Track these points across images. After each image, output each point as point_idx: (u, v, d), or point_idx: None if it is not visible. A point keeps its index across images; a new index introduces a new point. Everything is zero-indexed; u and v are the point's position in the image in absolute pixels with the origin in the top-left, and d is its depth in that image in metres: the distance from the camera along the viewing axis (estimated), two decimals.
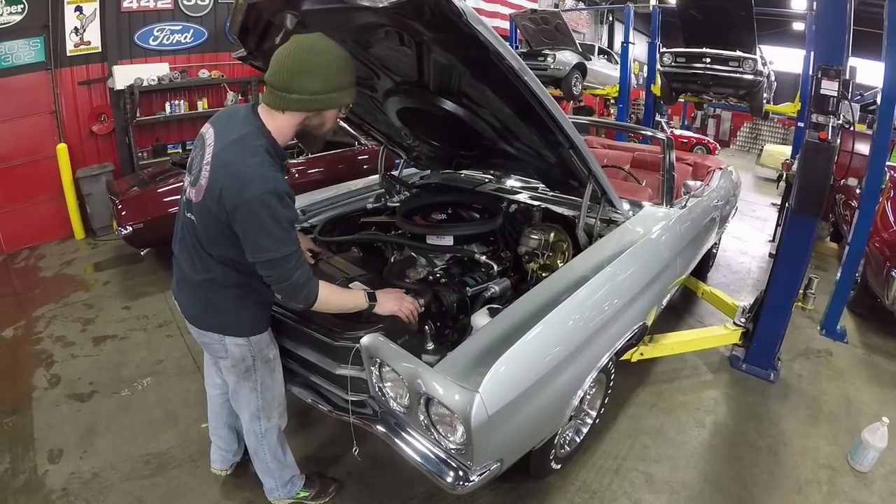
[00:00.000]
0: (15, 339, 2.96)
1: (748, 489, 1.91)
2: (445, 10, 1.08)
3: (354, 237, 2.06)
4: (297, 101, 1.17)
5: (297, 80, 1.15)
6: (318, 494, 1.76)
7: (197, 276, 1.32)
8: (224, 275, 1.30)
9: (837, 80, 2.02)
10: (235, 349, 1.39)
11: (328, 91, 1.19)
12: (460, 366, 1.23)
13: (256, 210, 1.11)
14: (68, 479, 1.92)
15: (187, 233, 1.31)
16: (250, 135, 1.18)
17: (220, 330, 1.37)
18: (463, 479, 1.23)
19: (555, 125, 1.48)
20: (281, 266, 1.19)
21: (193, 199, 1.23)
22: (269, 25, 1.60)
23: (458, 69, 1.47)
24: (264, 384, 1.48)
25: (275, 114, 1.20)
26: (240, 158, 1.14)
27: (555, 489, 1.87)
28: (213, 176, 1.16)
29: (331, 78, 1.18)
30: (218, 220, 1.18)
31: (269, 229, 1.13)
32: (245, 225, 1.14)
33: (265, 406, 1.51)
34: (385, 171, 2.55)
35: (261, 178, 1.12)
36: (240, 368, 1.42)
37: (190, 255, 1.32)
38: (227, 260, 1.28)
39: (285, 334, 1.58)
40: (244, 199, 1.11)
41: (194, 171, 1.25)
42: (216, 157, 1.17)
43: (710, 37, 4.91)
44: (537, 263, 1.90)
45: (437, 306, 1.63)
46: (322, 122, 1.26)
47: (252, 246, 1.16)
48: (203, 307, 1.36)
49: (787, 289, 2.41)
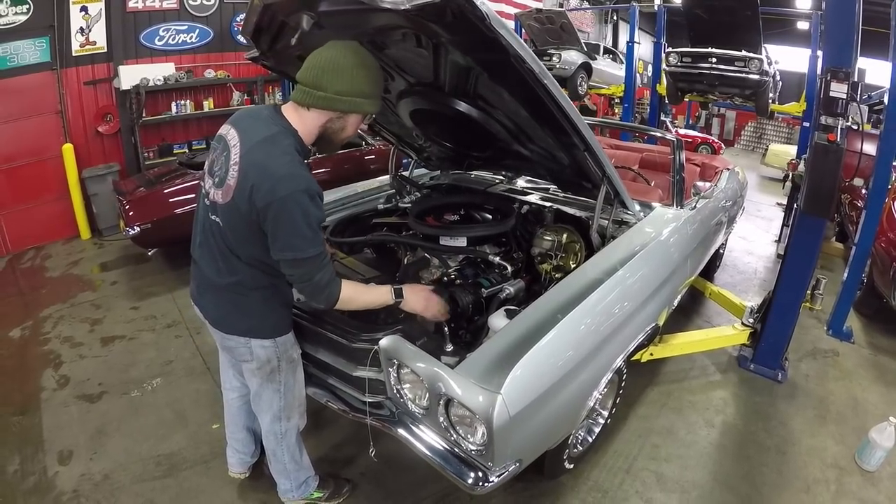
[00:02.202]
0: (22, 339, 2.95)
1: (757, 488, 1.92)
2: (468, 13, 1.07)
3: (368, 238, 2.06)
4: (323, 98, 1.19)
5: (326, 77, 1.18)
6: (332, 495, 1.77)
7: (223, 280, 1.31)
8: (252, 277, 1.30)
9: (846, 82, 2.02)
10: (261, 351, 1.39)
11: (352, 94, 1.20)
12: (481, 367, 1.23)
13: (289, 208, 1.11)
14: (79, 481, 1.91)
15: (210, 236, 1.30)
16: (279, 134, 1.18)
17: (246, 333, 1.36)
18: (483, 479, 1.24)
19: (571, 128, 1.48)
20: (306, 266, 1.19)
21: (220, 200, 1.23)
22: (282, 26, 1.59)
23: (475, 71, 1.47)
24: (287, 385, 1.48)
25: (301, 111, 1.22)
26: (271, 157, 1.14)
27: (567, 489, 1.88)
28: (243, 175, 1.16)
29: (357, 82, 1.20)
30: (247, 220, 1.18)
31: (299, 228, 1.13)
32: (276, 223, 1.14)
33: (287, 407, 1.52)
34: (395, 172, 2.55)
35: (292, 176, 1.13)
36: (265, 370, 1.42)
37: (214, 259, 1.31)
38: (254, 261, 1.28)
39: (302, 336, 1.58)
40: (276, 197, 1.11)
41: (218, 172, 1.24)
42: (245, 156, 1.17)
43: (716, 37, 4.89)
44: (550, 264, 1.90)
45: (452, 307, 1.63)
46: (343, 127, 1.27)
47: (280, 244, 1.16)
48: (229, 311, 1.36)
49: (795, 289, 2.41)
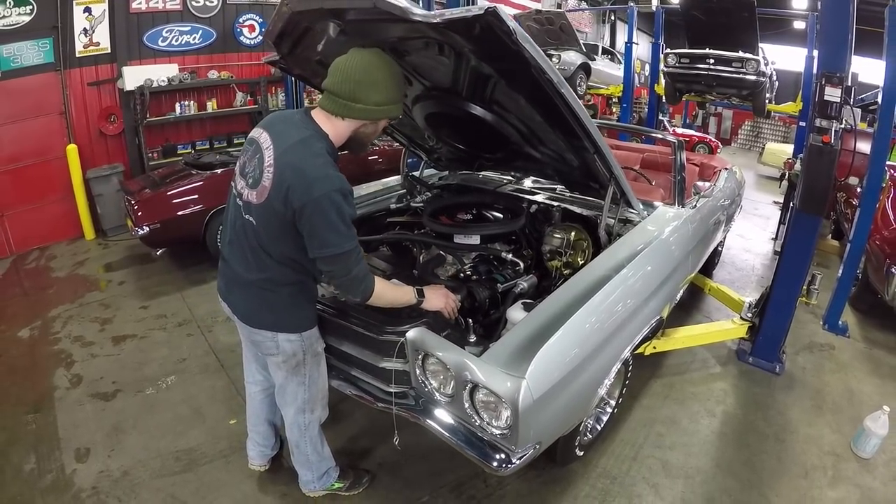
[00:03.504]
0: (32, 339, 2.95)
1: (758, 474, 2.00)
2: (496, 28, 1.13)
3: (385, 236, 2.12)
4: (363, 110, 1.26)
5: (364, 90, 1.24)
6: (352, 485, 1.82)
7: (252, 276, 1.36)
8: (281, 273, 1.35)
9: (840, 86, 2.09)
10: (288, 345, 1.44)
11: (388, 103, 1.29)
12: (505, 356, 1.31)
13: (324, 207, 1.18)
14: (98, 478, 1.92)
15: (243, 235, 1.35)
16: (311, 138, 1.25)
17: (273, 327, 1.42)
18: (506, 461, 1.31)
19: (584, 132, 1.55)
20: (343, 261, 1.25)
21: (254, 200, 1.28)
22: (305, 32, 1.64)
23: (494, 79, 1.53)
24: (312, 377, 1.54)
25: (334, 120, 1.29)
26: (305, 159, 1.21)
27: (577, 475, 1.96)
28: (278, 177, 1.21)
29: (391, 91, 1.29)
30: (282, 220, 1.24)
31: (335, 225, 1.20)
32: (312, 222, 1.20)
33: (311, 399, 1.57)
34: (406, 172, 2.61)
35: (327, 177, 1.19)
36: (290, 364, 1.48)
37: (245, 257, 1.36)
38: (284, 259, 1.33)
39: (329, 330, 1.64)
40: (312, 197, 1.17)
41: (252, 173, 1.30)
42: (279, 158, 1.23)
43: (714, 38, 4.97)
44: (560, 261, 1.98)
45: (470, 302, 1.71)
46: (375, 130, 1.36)
47: (318, 242, 1.22)
48: (258, 306, 1.41)
49: (791, 285, 2.49)
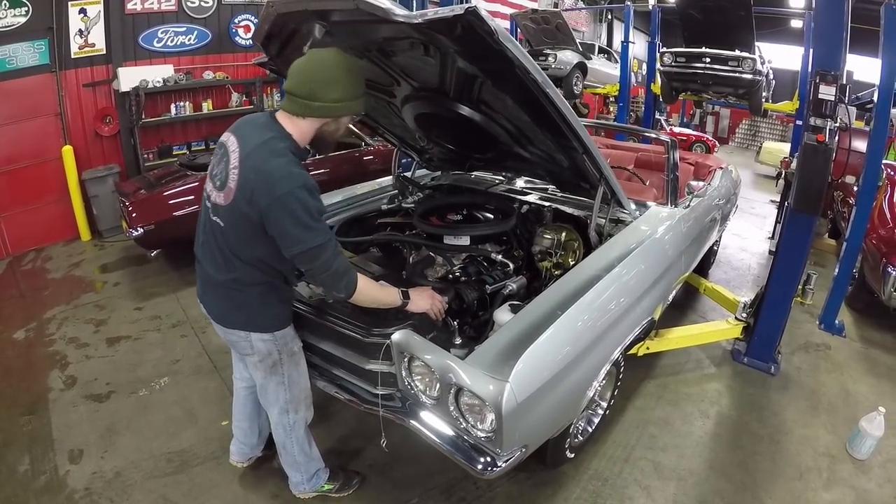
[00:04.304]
0: (27, 340, 2.96)
1: (752, 476, 1.99)
2: (478, 28, 1.13)
3: (374, 238, 2.11)
4: (322, 108, 1.27)
5: (321, 89, 1.25)
6: (342, 487, 1.82)
7: (221, 277, 1.38)
8: (249, 274, 1.36)
9: (835, 84, 2.08)
10: (261, 345, 1.45)
11: (347, 99, 1.29)
12: (489, 358, 1.30)
13: (289, 204, 1.18)
14: (91, 479, 1.93)
15: (212, 236, 1.37)
16: (274, 139, 1.26)
17: (245, 327, 1.43)
18: (491, 464, 1.31)
19: (571, 132, 1.54)
20: (320, 255, 1.25)
21: (221, 202, 1.29)
22: (293, 33, 1.64)
23: (480, 79, 1.53)
24: (291, 377, 1.54)
25: (296, 119, 1.30)
26: (267, 160, 1.22)
27: (568, 477, 1.95)
28: (243, 178, 1.23)
29: (349, 87, 1.29)
30: (249, 220, 1.24)
31: (303, 221, 1.20)
32: (280, 220, 1.20)
33: (293, 399, 1.57)
34: (398, 173, 2.60)
35: (290, 175, 1.20)
36: (266, 363, 1.49)
37: (214, 257, 1.38)
38: (253, 260, 1.34)
39: (314, 332, 1.63)
40: (276, 196, 1.18)
41: (219, 176, 1.31)
42: (244, 161, 1.24)
43: (710, 36, 4.96)
44: (550, 262, 1.97)
45: (458, 303, 1.70)
46: (337, 128, 1.37)
47: (290, 240, 1.22)
48: (228, 306, 1.42)
49: (786, 285, 2.48)
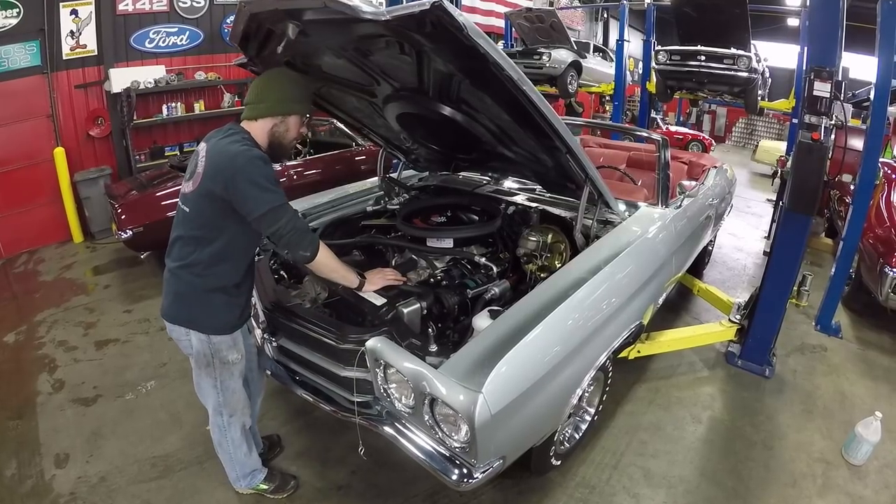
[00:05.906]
0: (17, 343, 2.96)
1: (744, 483, 1.95)
2: (447, 23, 1.12)
3: (356, 240, 2.08)
4: (267, 107, 1.45)
5: (265, 91, 1.47)
6: (278, 489, 1.83)
7: (173, 263, 1.46)
8: (204, 267, 1.43)
9: (830, 81, 2.05)
10: (197, 343, 1.51)
11: (288, 100, 1.47)
12: (463, 367, 1.27)
13: (249, 170, 1.33)
14: (75, 484, 1.93)
15: (178, 228, 1.47)
16: (235, 134, 1.44)
17: (186, 323, 1.48)
18: (467, 476, 1.27)
19: (552, 131, 1.51)
20: (283, 215, 1.37)
21: (190, 189, 1.43)
22: (269, 34, 1.62)
23: (457, 77, 1.51)
24: (224, 384, 1.58)
25: (252, 123, 1.48)
26: (230, 146, 1.39)
27: (555, 485, 1.91)
28: (209, 162, 1.39)
29: (290, 90, 1.48)
30: (213, 198, 1.37)
31: (262, 184, 1.34)
32: (242, 187, 1.33)
33: (226, 404, 1.62)
34: (384, 174, 2.57)
35: (247, 150, 1.37)
36: (200, 362, 1.54)
37: (174, 246, 1.47)
38: (213, 250, 1.42)
39: (290, 337, 1.60)
40: (238, 165, 1.33)
41: (190, 170, 1.46)
42: (209, 151, 1.42)
43: (705, 34, 4.93)
44: (535, 265, 1.93)
45: (438, 308, 1.66)
46: (287, 129, 1.49)
47: (252, 203, 1.34)
48: (177, 302, 1.48)
49: (781, 286, 2.44)
